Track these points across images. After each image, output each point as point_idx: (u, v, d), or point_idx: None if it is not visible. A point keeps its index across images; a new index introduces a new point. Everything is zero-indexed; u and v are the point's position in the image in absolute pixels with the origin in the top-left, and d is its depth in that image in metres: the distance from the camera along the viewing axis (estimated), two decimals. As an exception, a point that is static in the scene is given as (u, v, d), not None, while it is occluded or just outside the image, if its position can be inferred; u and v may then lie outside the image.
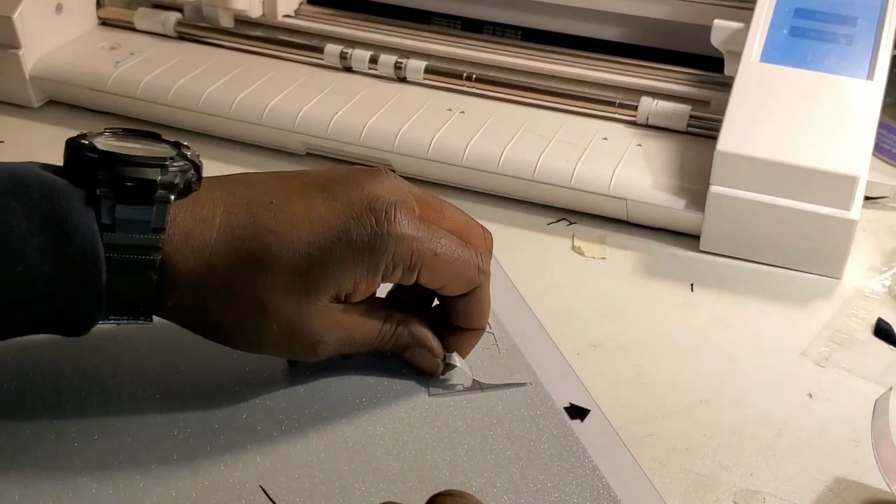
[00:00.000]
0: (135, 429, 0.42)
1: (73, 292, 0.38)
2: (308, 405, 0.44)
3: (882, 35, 0.58)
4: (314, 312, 0.41)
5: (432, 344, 0.45)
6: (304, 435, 0.43)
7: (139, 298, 0.40)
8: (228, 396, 0.44)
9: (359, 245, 0.41)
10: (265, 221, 0.41)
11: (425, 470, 0.41)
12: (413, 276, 0.42)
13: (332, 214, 0.41)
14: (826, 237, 0.55)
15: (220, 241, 0.40)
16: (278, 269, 0.40)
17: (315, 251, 0.40)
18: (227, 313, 0.41)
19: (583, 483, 0.41)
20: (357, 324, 0.43)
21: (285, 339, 0.42)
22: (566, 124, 0.64)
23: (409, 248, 0.41)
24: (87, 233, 0.38)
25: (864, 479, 0.43)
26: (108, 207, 0.38)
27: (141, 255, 0.39)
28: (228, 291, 0.40)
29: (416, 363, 0.46)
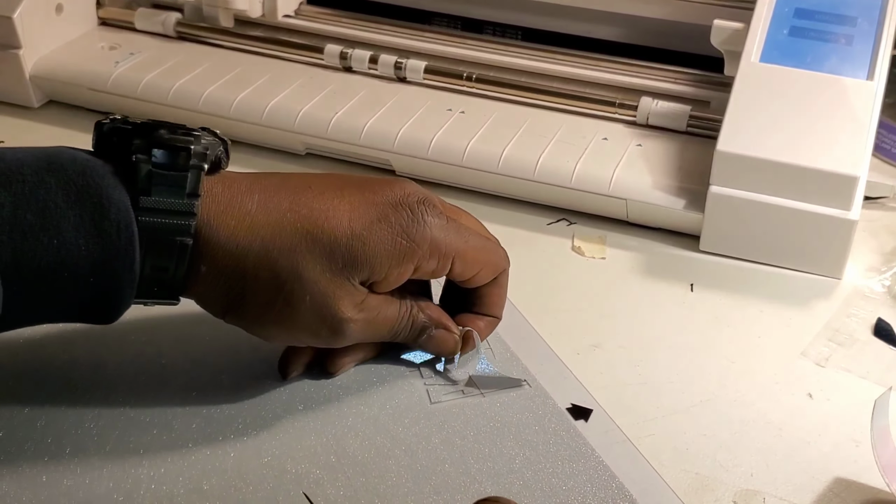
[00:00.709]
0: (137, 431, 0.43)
1: (108, 265, 0.38)
2: (308, 420, 0.44)
3: (882, 35, 0.58)
4: (346, 289, 0.42)
5: (448, 323, 0.46)
6: (311, 452, 0.42)
7: (173, 268, 0.40)
8: (229, 407, 0.44)
9: (398, 229, 0.42)
10: (305, 200, 0.42)
11: (439, 480, 0.41)
12: (447, 266, 0.44)
13: (370, 202, 0.43)
14: (826, 237, 0.55)
15: (261, 211, 0.41)
16: (320, 240, 0.41)
17: (356, 227, 0.42)
18: (262, 283, 0.41)
19: (596, 484, 0.41)
20: (381, 307, 0.44)
21: (315, 314, 0.42)
22: (566, 124, 0.64)
23: (443, 236, 0.43)
24: (121, 206, 0.38)
25: (863, 479, 0.43)
26: (144, 173, 0.39)
27: (176, 220, 0.39)
28: (267, 258, 0.41)
29: (434, 345, 0.47)
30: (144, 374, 0.45)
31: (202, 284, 0.41)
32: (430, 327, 0.46)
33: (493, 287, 0.47)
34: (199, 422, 0.43)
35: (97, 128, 0.41)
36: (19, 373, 0.45)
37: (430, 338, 0.46)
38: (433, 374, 0.46)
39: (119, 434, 0.42)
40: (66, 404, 0.44)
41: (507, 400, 0.45)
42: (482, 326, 0.48)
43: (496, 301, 0.48)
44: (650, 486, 0.42)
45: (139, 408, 0.43)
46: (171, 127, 0.41)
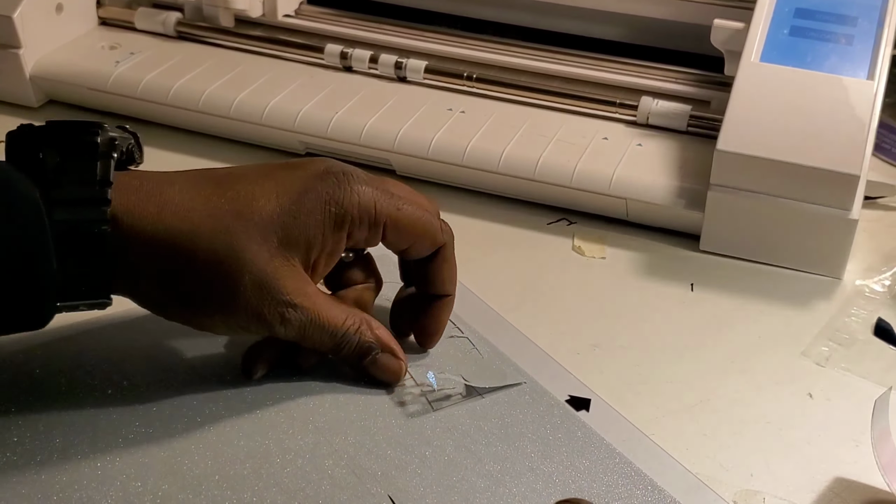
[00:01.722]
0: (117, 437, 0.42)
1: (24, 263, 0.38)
2: (317, 441, 0.43)
3: (882, 35, 0.58)
4: (287, 269, 0.41)
5: (396, 349, 0.45)
6: (329, 475, 0.41)
7: (94, 260, 0.39)
8: (235, 437, 0.43)
9: (325, 197, 0.42)
10: (229, 183, 0.42)
11: (464, 487, 0.40)
12: (379, 232, 0.44)
13: (295, 177, 0.43)
14: (826, 237, 0.55)
15: (185, 198, 0.41)
16: (250, 218, 0.41)
17: (285, 202, 0.42)
18: (197, 267, 0.40)
19: (614, 471, 0.41)
20: (325, 304, 0.43)
21: (256, 297, 0.41)
22: (566, 124, 0.64)
23: (372, 201, 0.43)
24: (28, 199, 0.38)
25: (863, 479, 0.43)
26: (51, 165, 0.39)
27: (90, 209, 0.39)
28: (200, 241, 0.40)
29: (379, 369, 0.45)
30: (134, 397, 0.45)
31: (134, 277, 0.41)
32: (377, 350, 0.45)
33: (439, 263, 0.46)
34: (211, 452, 0.42)
35: (7, 136, 0.40)
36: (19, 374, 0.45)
37: (374, 361, 0.45)
38: (426, 379, 0.46)
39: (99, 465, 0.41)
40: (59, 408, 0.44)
41: (507, 399, 0.45)
42: (435, 316, 0.47)
43: (445, 277, 0.47)
44: (667, 469, 0.42)
45: (127, 429, 0.43)
46: (78, 124, 0.41)
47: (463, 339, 0.49)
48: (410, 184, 0.49)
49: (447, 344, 0.48)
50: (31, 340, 0.46)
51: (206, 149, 0.67)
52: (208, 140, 0.68)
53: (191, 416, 0.43)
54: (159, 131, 0.68)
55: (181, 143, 0.67)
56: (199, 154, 0.66)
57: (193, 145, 0.67)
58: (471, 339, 0.49)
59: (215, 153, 0.66)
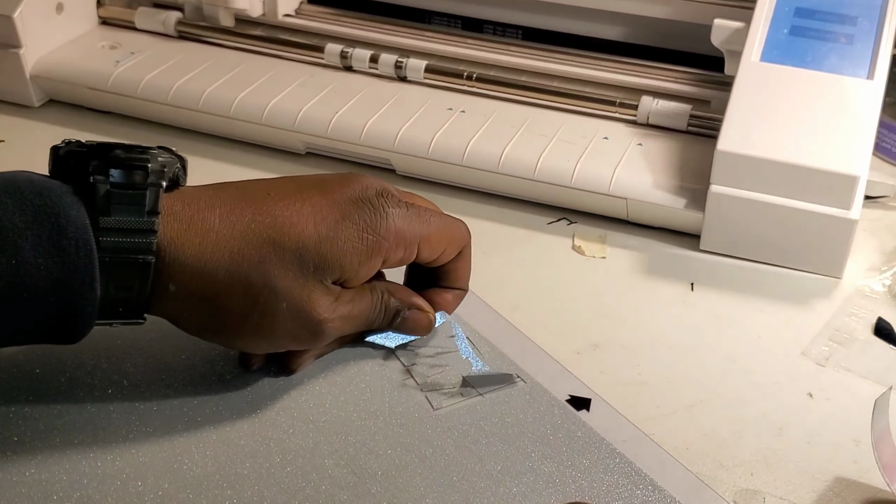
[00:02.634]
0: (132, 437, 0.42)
1: (67, 285, 0.38)
2: (318, 441, 0.43)
3: (882, 34, 0.58)
4: (320, 291, 0.42)
5: (421, 302, 0.47)
6: (329, 474, 0.41)
7: (136, 289, 0.40)
8: (236, 437, 0.43)
9: (362, 226, 0.43)
10: (267, 208, 0.42)
11: (465, 486, 0.41)
12: (414, 252, 0.45)
13: (331, 202, 0.43)
14: (826, 237, 0.55)
15: (225, 226, 0.41)
16: (288, 247, 0.41)
17: (322, 229, 0.42)
18: (235, 296, 0.41)
19: (615, 471, 0.41)
20: (354, 300, 0.44)
21: (293, 320, 0.42)
22: (567, 124, 0.64)
23: (406, 225, 0.44)
24: (79, 224, 0.38)
25: (864, 479, 0.43)
26: (102, 193, 0.39)
27: (136, 239, 0.39)
28: (238, 272, 0.41)
29: (410, 326, 0.47)
30: (131, 395, 0.45)
31: (173, 303, 0.41)
32: (403, 310, 0.47)
33: (458, 261, 0.48)
34: (212, 452, 0.42)
35: (53, 152, 0.41)
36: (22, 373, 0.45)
37: (404, 320, 0.47)
38: (427, 379, 0.46)
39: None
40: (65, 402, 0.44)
41: (507, 398, 0.45)
42: (450, 300, 0.49)
43: (462, 274, 0.49)
44: (667, 469, 0.42)
45: (128, 432, 0.43)
46: (127, 147, 0.41)
47: (463, 339, 0.49)
48: (410, 183, 0.50)
49: (448, 343, 0.49)
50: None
51: (207, 149, 0.67)
52: (209, 140, 0.68)
53: (191, 415, 0.43)
54: (159, 131, 0.68)
55: (182, 143, 0.67)
56: (199, 154, 0.66)
57: (194, 145, 0.67)
58: (471, 338, 0.49)
59: (215, 153, 0.66)
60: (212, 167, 0.65)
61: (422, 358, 0.48)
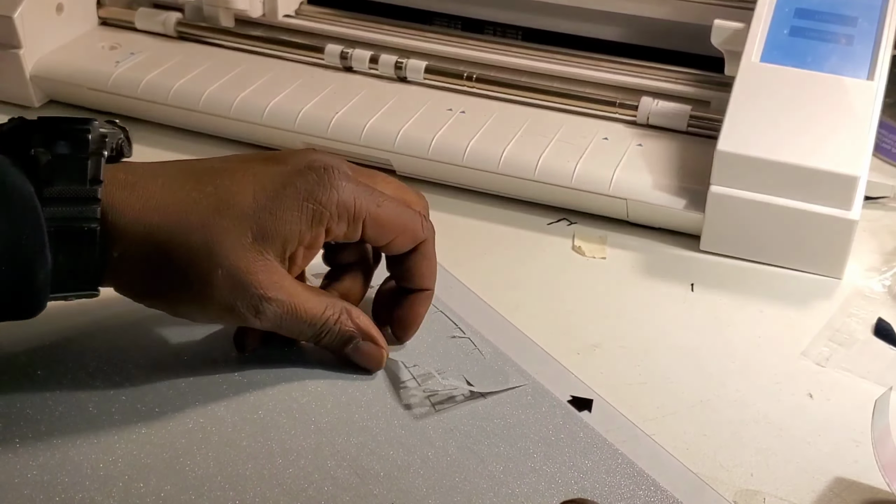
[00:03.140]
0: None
1: (18, 255, 0.39)
2: (320, 441, 0.42)
3: (882, 35, 0.58)
4: (261, 263, 0.42)
5: (377, 336, 0.46)
6: (331, 475, 0.41)
7: (84, 254, 0.40)
8: (237, 438, 0.43)
9: (304, 194, 0.42)
10: (209, 178, 0.43)
11: (468, 487, 0.40)
12: (358, 228, 0.44)
13: (275, 172, 0.43)
14: (826, 237, 0.55)
15: (166, 192, 0.42)
16: (226, 213, 0.42)
17: (261, 198, 0.42)
18: (174, 262, 0.41)
19: (617, 471, 0.41)
20: (302, 296, 0.43)
21: (230, 290, 0.42)
22: (567, 124, 0.64)
23: (352, 197, 0.43)
24: (24, 193, 0.39)
25: (864, 479, 0.43)
26: (44, 162, 0.40)
27: (81, 207, 0.40)
28: (178, 236, 0.41)
29: (360, 356, 0.46)
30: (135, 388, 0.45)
31: (117, 270, 0.42)
32: (357, 338, 0.45)
33: (419, 258, 0.47)
34: (214, 453, 0.42)
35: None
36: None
37: (356, 349, 0.46)
38: (428, 380, 0.46)
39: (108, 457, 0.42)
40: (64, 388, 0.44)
41: (509, 399, 0.45)
42: (413, 308, 0.47)
43: (424, 273, 0.47)
44: (669, 469, 0.42)
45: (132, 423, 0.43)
46: (70, 120, 0.41)
47: (465, 339, 0.49)
48: (410, 184, 0.49)
49: (449, 344, 0.49)
50: (33, 342, 0.46)
51: (207, 149, 0.67)
52: (208, 140, 0.68)
53: (193, 417, 0.43)
54: (159, 131, 0.68)
55: (181, 143, 0.67)
56: (199, 154, 0.66)
57: (194, 145, 0.67)
58: (472, 339, 0.49)
59: (215, 153, 0.66)
60: (212, 168, 0.65)
61: (423, 359, 0.48)
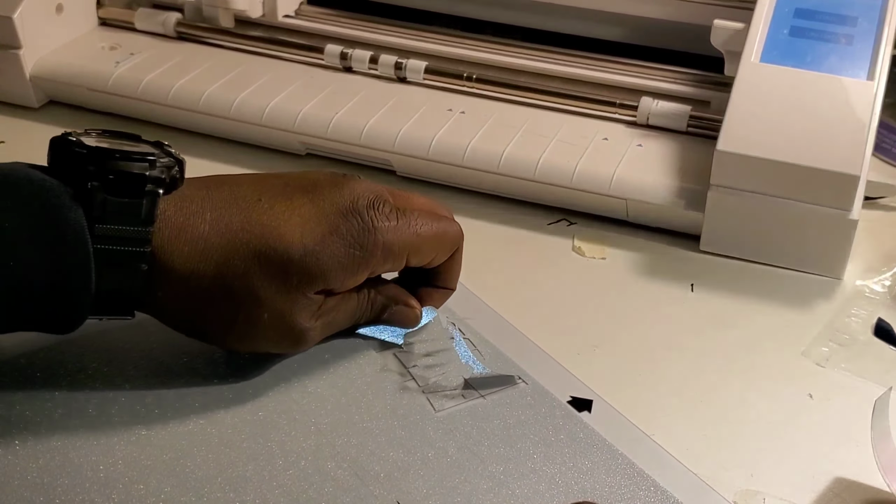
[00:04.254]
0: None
1: (63, 286, 0.39)
2: (320, 443, 0.42)
3: (882, 35, 0.58)
4: (302, 302, 0.43)
5: (408, 299, 0.48)
6: (331, 476, 0.41)
7: (128, 291, 0.41)
8: (225, 426, 0.43)
9: (349, 240, 0.43)
10: (256, 216, 0.42)
11: (467, 488, 0.40)
12: (402, 263, 0.45)
13: (320, 212, 0.43)
14: (826, 237, 0.55)
15: (213, 233, 0.42)
16: (273, 260, 0.42)
17: (309, 243, 0.42)
18: (219, 304, 0.42)
19: (617, 472, 0.41)
20: (339, 305, 0.45)
21: (275, 330, 0.43)
22: (566, 124, 0.64)
23: (395, 239, 0.44)
24: (77, 228, 0.39)
25: (863, 479, 0.43)
26: (99, 200, 0.39)
27: (131, 248, 0.40)
28: (222, 281, 0.41)
29: (397, 321, 0.48)
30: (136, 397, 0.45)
31: (159, 306, 0.42)
32: (391, 305, 0.47)
33: (453, 262, 0.49)
34: (214, 455, 0.42)
35: (51, 145, 0.41)
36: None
37: (391, 314, 0.48)
38: (428, 381, 0.46)
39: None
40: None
41: (509, 400, 0.45)
42: (437, 297, 0.49)
43: (452, 275, 0.49)
44: (669, 469, 0.42)
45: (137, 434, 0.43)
46: (125, 153, 0.40)
47: (465, 339, 0.49)
48: (410, 184, 0.50)
49: (449, 345, 0.49)
50: (33, 344, 0.46)
51: (207, 149, 0.67)
52: (208, 140, 0.68)
53: (193, 418, 0.43)
54: (159, 132, 0.68)
55: (181, 144, 0.66)
56: (199, 154, 0.66)
57: (194, 146, 0.67)
58: (472, 340, 0.49)
59: (215, 153, 0.66)
60: (212, 168, 0.65)
61: (423, 360, 0.48)
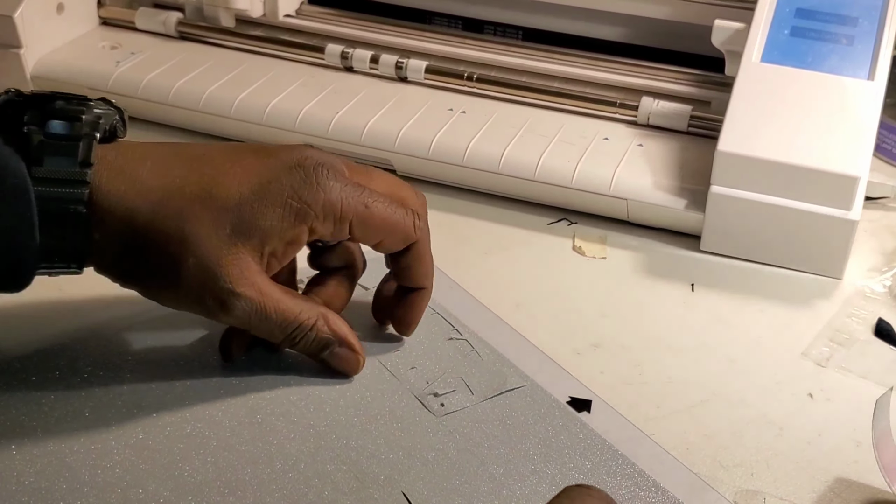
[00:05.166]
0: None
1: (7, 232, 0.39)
2: (319, 445, 0.42)
3: (883, 35, 0.58)
4: (233, 257, 0.41)
5: (352, 340, 0.45)
6: (332, 479, 0.40)
7: (69, 235, 0.40)
8: (223, 429, 0.43)
9: (289, 191, 0.42)
10: (198, 166, 0.42)
11: (468, 490, 0.40)
12: (345, 228, 0.43)
13: (263, 166, 0.43)
14: (827, 237, 0.55)
15: (152, 176, 0.41)
16: (207, 203, 0.41)
17: (245, 191, 0.42)
18: (150, 247, 0.41)
19: (617, 472, 0.41)
20: (274, 296, 0.43)
21: (199, 281, 0.41)
22: (567, 124, 0.64)
23: (339, 198, 0.43)
24: (17, 173, 0.39)
25: (864, 480, 0.43)
26: (36, 143, 0.40)
27: (69, 189, 0.40)
28: (156, 221, 0.41)
29: (337, 362, 0.45)
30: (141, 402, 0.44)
31: (98, 252, 0.42)
32: (334, 344, 0.45)
33: (412, 259, 0.46)
34: (212, 458, 0.41)
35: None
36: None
37: (332, 354, 0.45)
38: (427, 382, 0.46)
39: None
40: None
41: (508, 401, 0.45)
42: (409, 308, 0.47)
43: (419, 272, 0.47)
44: (669, 469, 0.42)
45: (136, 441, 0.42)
46: (66, 97, 0.41)
47: (462, 341, 0.49)
48: (410, 183, 0.49)
49: (447, 346, 0.49)
50: (27, 348, 0.46)
51: (207, 149, 0.67)
52: (209, 140, 0.68)
53: (191, 421, 0.43)
54: (160, 131, 0.68)
55: (182, 144, 0.67)
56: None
57: (194, 145, 0.67)
58: (470, 341, 0.49)
59: (216, 153, 0.66)
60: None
61: (421, 361, 0.48)
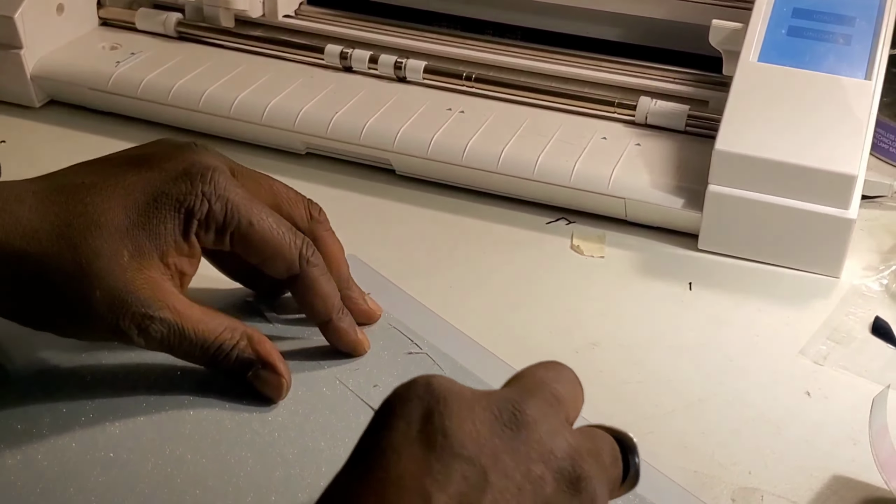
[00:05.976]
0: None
1: None
2: (277, 465, 0.41)
3: (880, 35, 0.58)
4: (141, 281, 0.40)
5: (276, 362, 0.43)
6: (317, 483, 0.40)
7: None
8: (236, 451, 0.42)
9: (175, 204, 0.41)
10: (80, 197, 0.41)
11: None
12: (225, 238, 0.43)
13: (147, 182, 0.42)
14: (824, 236, 0.55)
15: (35, 217, 0.40)
16: (97, 235, 0.40)
17: (133, 214, 0.41)
18: (50, 289, 0.40)
19: None
20: (193, 316, 0.42)
21: (109, 310, 0.40)
22: (565, 124, 0.64)
23: (223, 207, 0.42)
24: None
25: (861, 477, 0.43)
26: None
27: None
28: (48, 264, 0.40)
29: (259, 384, 0.43)
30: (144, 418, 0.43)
31: None
32: (256, 366, 0.43)
33: (301, 289, 0.44)
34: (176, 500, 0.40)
35: None
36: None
37: (255, 376, 0.43)
38: None
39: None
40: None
41: None
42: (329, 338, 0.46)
43: (310, 305, 0.45)
44: (665, 467, 0.42)
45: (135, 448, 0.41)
46: None
47: (422, 355, 0.47)
48: (410, 184, 0.49)
49: (407, 361, 0.47)
50: (25, 353, 0.46)
51: (207, 149, 0.67)
52: (209, 140, 0.68)
53: (151, 459, 0.41)
54: (160, 131, 0.68)
55: (181, 143, 0.67)
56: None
57: (194, 145, 0.67)
58: (430, 354, 0.47)
59: (216, 153, 0.66)
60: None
61: (383, 378, 0.45)
